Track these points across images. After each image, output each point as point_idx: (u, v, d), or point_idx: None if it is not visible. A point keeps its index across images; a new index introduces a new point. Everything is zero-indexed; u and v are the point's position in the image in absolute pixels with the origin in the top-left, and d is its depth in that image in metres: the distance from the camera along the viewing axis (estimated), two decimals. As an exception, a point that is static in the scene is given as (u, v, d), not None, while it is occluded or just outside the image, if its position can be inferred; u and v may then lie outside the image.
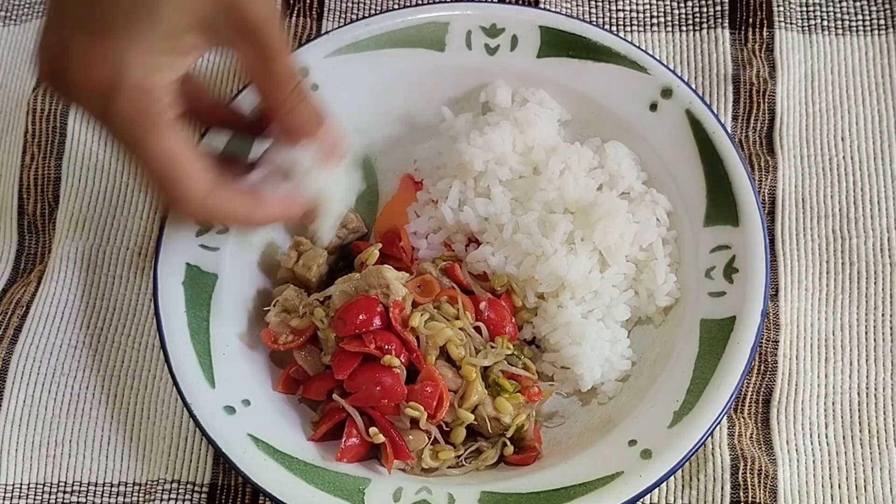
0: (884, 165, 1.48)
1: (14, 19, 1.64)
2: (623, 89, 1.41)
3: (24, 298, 1.42)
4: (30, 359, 1.38)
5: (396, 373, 1.23)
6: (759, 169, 1.47)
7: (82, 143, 1.52)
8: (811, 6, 1.59)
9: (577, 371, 1.31)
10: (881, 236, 1.43)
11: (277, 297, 1.33)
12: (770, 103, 1.51)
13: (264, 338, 1.31)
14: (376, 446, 1.25)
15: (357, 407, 1.24)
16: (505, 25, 1.44)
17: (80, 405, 1.36)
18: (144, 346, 1.39)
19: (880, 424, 1.32)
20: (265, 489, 1.18)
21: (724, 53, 1.55)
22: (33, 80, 1.57)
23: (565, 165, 1.38)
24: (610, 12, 1.61)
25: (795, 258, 1.42)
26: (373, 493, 1.20)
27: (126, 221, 1.48)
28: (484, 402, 1.25)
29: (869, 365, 1.36)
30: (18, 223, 1.49)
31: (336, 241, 1.39)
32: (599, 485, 1.18)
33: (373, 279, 1.27)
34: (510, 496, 1.20)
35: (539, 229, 1.34)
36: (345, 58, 1.43)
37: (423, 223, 1.43)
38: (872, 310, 1.39)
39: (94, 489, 1.31)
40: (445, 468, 1.26)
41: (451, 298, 1.30)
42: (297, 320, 1.30)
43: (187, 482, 1.30)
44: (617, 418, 1.27)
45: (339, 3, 1.62)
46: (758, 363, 1.35)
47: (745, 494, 1.27)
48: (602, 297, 1.33)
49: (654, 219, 1.36)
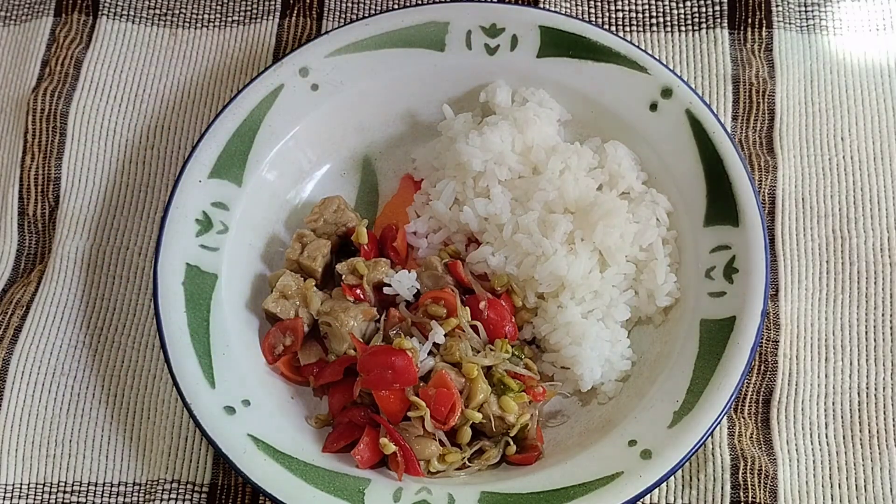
0: (884, 165, 1.48)
1: (14, 19, 1.64)
2: (623, 89, 1.42)
3: (24, 298, 1.42)
4: (30, 359, 1.38)
5: (409, 355, 1.24)
6: (759, 169, 1.47)
7: (82, 143, 1.52)
8: (810, 6, 1.59)
9: (578, 371, 1.31)
10: (881, 236, 1.43)
11: (275, 284, 1.34)
12: (770, 103, 1.51)
13: (265, 352, 1.33)
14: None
15: (367, 392, 1.25)
16: (505, 25, 1.44)
17: (80, 405, 1.35)
18: (144, 346, 1.39)
19: (880, 424, 1.32)
20: (265, 489, 1.18)
21: (724, 53, 1.55)
22: (33, 79, 1.57)
23: (565, 165, 1.38)
24: (610, 12, 1.61)
25: (795, 258, 1.42)
26: (373, 493, 1.20)
27: (126, 221, 1.48)
28: (489, 400, 1.26)
29: (869, 365, 1.36)
30: (18, 223, 1.49)
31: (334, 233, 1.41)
32: (599, 485, 1.18)
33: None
34: (510, 496, 1.20)
35: (539, 229, 1.34)
36: (345, 58, 1.43)
37: (423, 223, 1.43)
38: (872, 310, 1.39)
39: (94, 489, 1.31)
40: (452, 471, 1.26)
41: (436, 299, 1.30)
42: (289, 339, 1.33)
43: (187, 482, 1.30)
44: (617, 418, 1.27)
45: (339, 3, 1.62)
46: (758, 363, 1.35)
47: (745, 494, 1.27)
48: (602, 298, 1.33)
49: (654, 219, 1.36)
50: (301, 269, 1.38)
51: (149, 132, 1.54)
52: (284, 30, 1.60)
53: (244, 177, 1.39)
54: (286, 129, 1.42)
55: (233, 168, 1.38)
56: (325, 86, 1.43)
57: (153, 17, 1.63)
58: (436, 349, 1.29)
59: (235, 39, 1.61)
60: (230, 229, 1.36)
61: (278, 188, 1.43)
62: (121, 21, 1.62)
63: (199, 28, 1.62)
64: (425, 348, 1.27)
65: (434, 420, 1.24)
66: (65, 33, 1.60)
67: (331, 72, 1.43)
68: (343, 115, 1.46)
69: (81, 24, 1.61)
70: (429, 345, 1.28)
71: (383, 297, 1.36)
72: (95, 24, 1.61)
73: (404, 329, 1.32)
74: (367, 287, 1.34)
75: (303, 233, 1.39)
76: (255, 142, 1.40)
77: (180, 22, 1.63)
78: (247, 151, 1.39)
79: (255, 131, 1.40)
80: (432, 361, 1.27)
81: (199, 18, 1.63)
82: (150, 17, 1.63)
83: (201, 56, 1.60)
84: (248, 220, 1.39)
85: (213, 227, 1.35)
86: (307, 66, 1.42)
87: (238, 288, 1.36)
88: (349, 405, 1.29)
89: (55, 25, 1.61)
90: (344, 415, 1.29)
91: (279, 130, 1.41)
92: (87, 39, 1.60)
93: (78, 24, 1.61)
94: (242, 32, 1.61)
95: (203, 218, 1.35)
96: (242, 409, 1.25)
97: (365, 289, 1.34)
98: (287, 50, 1.58)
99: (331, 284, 1.40)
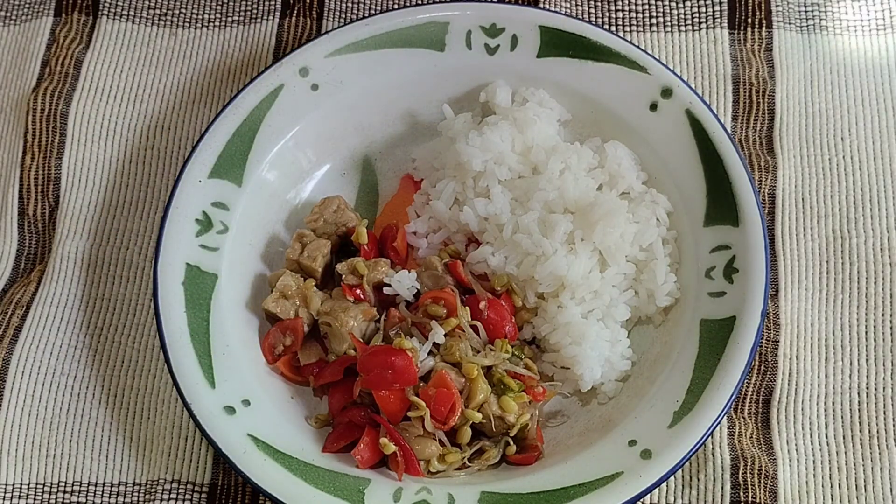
0: (884, 165, 1.48)
1: (14, 19, 1.64)
2: (623, 89, 1.42)
3: (24, 298, 1.42)
4: (30, 359, 1.38)
5: (409, 355, 1.24)
6: (759, 169, 1.47)
7: (82, 143, 1.52)
8: (810, 6, 1.59)
9: (578, 371, 1.31)
10: (881, 236, 1.43)
11: (275, 284, 1.34)
12: (770, 103, 1.51)
13: (265, 352, 1.33)
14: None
15: (367, 392, 1.25)
16: (505, 25, 1.44)
17: (80, 405, 1.35)
18: (144, 346, 1.39)
19: (880, 424, 1.32)
20: (265, 489, 1.18)
21: (724, 53, 1.55)
22: (33, 79, 1.57)
23: (565, 165, 1.38)
24: (610, 12, 1.61)
25: (795, 258, 1.42)
26: (373, 493, 1.20)
27: (126, 221, 1.48)
28: (489, 400, 1.26)
29: (869, 365, 1.36)
30: (18, 223, 1.49)
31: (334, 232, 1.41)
32: (599, 485, 1.18)
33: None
34: (510, 496, 1.20)
35: (539, 229, 1.34)
36: (345, 58, 1.43)
37: (423, 223, 1.43)
38: (872, 310, 1.39)
39: (94, 489, 1.31)
40: (452, 470, 1.26)
41: (436, 299, 1.30)
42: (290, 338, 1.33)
43: (187, 482, 1.30)
44: (617, 418, 1.27)
45: (339, 3, 1.62)
46: (758, 363, 1.35)
47: (745, 494, 1.27)
48: (602, 298, 1.33)
49: (654, 219, 1.36)
50: (301, 269, 1.38)
51: (149, 132, 1.54)
52: (284, 30, 1.60)
53: (244, 177, 1.39)
54: (286, 129, 1.42)
55: (233, 168, 1.38)
56: (325, 86, 1.43)
57: (153, 17, 1.63)
58: (436, 349, 1.29)
59: (235, 39, 1.61)
60: (230, 229, 1.36)
61: (278, 188, 1.43)
62: (121, 21, 1.62)
63: (199, 28, 1.62)
64: (425, 348, 1.27)
65: (434, 420, 1.24)
66: (65, 33, 1.60)
67: (331, 72, 1.43)
68: (343, 115, 1.46)
69: (81, 24, 1.62)
70: (429, 345, 1.28)
71: (383, 297, 1.36)
72: (95, 24, 1.61)
73: (404, 329, 1.32)
74: (367, 287, 1.34)
75: (303, 233, 1.39)
76: (255, 142, 1.40)
77: (180, 22, 1.63)
78: (247, 151, 1.39)
79: (255, 131, 1.40)
80: (432, 361, 1.27)
81: (199, 18, 1.63)
82: (150, 17, 1.63)
83: (201, 56, 1.60)
84: (248, 220, 1.39)
85: (213, 226, 1.35)
86: (307, 66, 1.42)
87: (238, 288, 1.36)
88: (349, 405, 1.29)
89: (55, 25, 1.61)
90: (344, 415, 1.29)
91: (279, 130, 1.41)
92: (87, 39, 1.60)
93: (78, 24, 1.61)
94: (242, 32, 1.61)
95: (203, 218, 1.35)
96: (242, 409, 1.25)
97: (365, 289, 1.34)
98: (287, 50, 1.58)
99: (331, 284, 1.41)
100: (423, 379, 1.26)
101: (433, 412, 1.23)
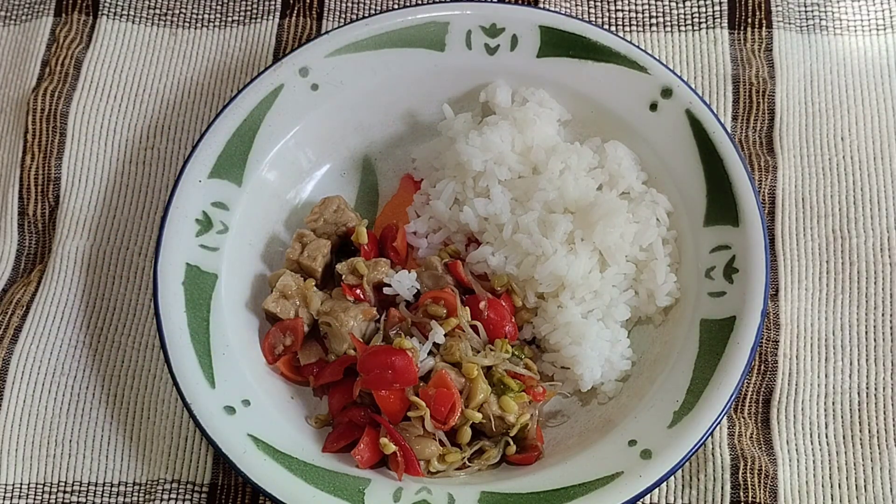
0: (884, 165, 1.48)
1: (14, 19, 1.64)
2: (623, 89, 1.42)
3: (24, 298, 1.42)
4: (30, 359, 1.38)
5: (409, 355, 1.24)
6: (759, 169, 1.47)
7: (82, 143, 1.52)
8: (810, 6, 1.59)
9: (578, 371, 1.31)
10: (881, 236, 1.43)
11: (275, 284, 1.34)
12: (770, 103, 1.51)
13: (265, 352, 1.33)
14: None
15: (367, 392, 1.25)
16: (505, 25, 1.44)
17: (80, 405, 1.35)
18: (144, 346, 1.39)
19: (880, 424, 1.32)
20: (265, 489, 1.18)
21: (724, 53, 1.55)
22: (33, 79, 1.57)
23: (565, 165, 1.38)
24: (610, 12, 1.61)
25: (795, 258, 1.42)
26: (373, 493, 1.20)
27: (126, 221, 1.48)
28: (489, 400, 1.26)
29: (869, 365, 1.36)
30: (18, 223, 1.49)
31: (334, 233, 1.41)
32: (599, 485, 1.18)
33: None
34: (510, 496, 1.20)
35: (539, 229, 1.34)
36: (345, 58, 1.43)
37: (423, 223, 1.43)
38: (872, 310, 1.39)
39: (94, 489, 1.31)
40: (452, 470, 1.26)
41: (436, 299, 1.30)
42: (290, 338, 1.33)
43: (187, 482, 1.30)
44: (617, 418, 1.27)
45: (339, 3, 1.62)
46: (758, 363, 1.35)
47: (745, 494, 1.27)
48: (602, 297, 1.33)
49: (654, 219, 1.36)
50: (301, 269, 1.38)
51: (149, 132, 1.54)
52: (284, 30, 1.60)
53: (244, 177, 1.39)
54: (286, 129, 1.42)
55: (233, 168, 1.38)
56: (325, 86, 1.43)
57: (153, 17, 1.63)
58: (436, 349, 1.29)
59: (235, 39, 1.61)
60: (230, 229, 1.36)
61: (278, 188, 1.43)
62: (121, 21, 1.62)
63: (199, 28, 1.62)
64: (425, 348, 1.27)
65: (434, 420, 1.24)
66: (65, 33, 1.60)
67: (331, 72, 1.43)
68: (343, 115, 1.46)
69: (81, 24, 1.62)
70: (429, 345, 1.28)
71: (383, 297, 1.36)
72: (95, 24, 1.62)
73: (404, 329, 1.32)
74: (367, 287, 1.34)
75: (303, 233, 1.39)
76: (255, 142, 1.40)
77: (180, 22, 1.63)
78: (247, 151, 1.39)
79: (255, 131, 1.40)
80: (432, 361, 1.27)
81: (199, 18, 1.63)
82: (150, 17, 1.63)
83: (201, 56, 1.60)
84: (248, 220, 1.39)
85: (213, 226, 1.35)
86: (307, 66, 1.42)
87: (238, 288, 1.36)
88: (349, 405, 1.29)
89: (55, 25, 1.61)
90: (344, 415, 1.29)
91: (279, 130, 1.41)
92: (87, 39, 1.60)
93: (78, 24, 1.61)
94: (242, 32, 1.61)
95: (203, 218, 1.35)
96: (242, 409, 1.25)
97: (365, 289, 1.34)
98: (287, 50, 1.58)
99: (331, 284, 1.41)
100: (423, 379, 1.26)
101: (433, 412, 1.23)
